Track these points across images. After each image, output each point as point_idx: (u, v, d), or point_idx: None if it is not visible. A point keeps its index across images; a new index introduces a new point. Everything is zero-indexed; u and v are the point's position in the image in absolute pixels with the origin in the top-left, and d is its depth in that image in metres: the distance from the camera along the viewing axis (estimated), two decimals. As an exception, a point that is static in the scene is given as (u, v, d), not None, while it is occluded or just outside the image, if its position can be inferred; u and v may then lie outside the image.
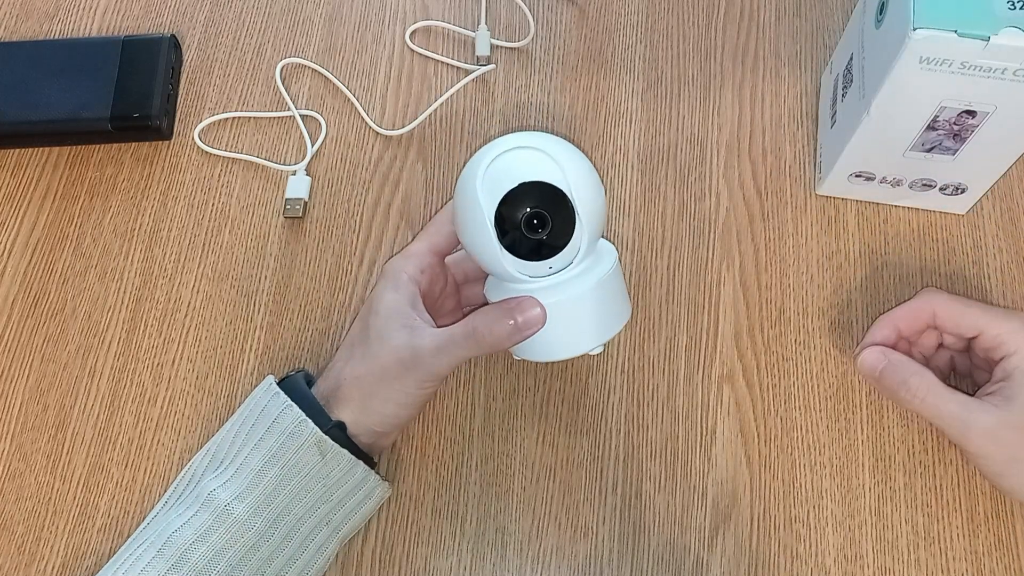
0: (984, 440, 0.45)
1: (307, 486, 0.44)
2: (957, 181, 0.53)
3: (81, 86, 0.58)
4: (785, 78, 0.61)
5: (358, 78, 0.62)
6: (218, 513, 0.43)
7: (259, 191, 0.58)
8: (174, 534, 0.43)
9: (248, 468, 0.44)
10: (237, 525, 0.43)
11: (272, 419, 0.45)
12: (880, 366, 0.48)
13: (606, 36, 0.63)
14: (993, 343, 0.47)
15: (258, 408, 0.46)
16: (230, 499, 0.44)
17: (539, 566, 0.49)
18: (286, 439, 0.44)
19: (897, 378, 0.47)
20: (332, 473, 0.45)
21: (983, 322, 0.47)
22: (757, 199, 0.57)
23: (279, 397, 0.46)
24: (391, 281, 0.47)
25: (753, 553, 0.49)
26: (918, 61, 0.44)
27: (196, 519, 0.43)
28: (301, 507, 0.44)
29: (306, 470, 0.44)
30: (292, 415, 0.45)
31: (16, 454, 0.52)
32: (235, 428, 0.47)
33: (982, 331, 0.47)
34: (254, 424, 0.46)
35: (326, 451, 0.44)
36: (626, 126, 0.60)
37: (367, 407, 0.45)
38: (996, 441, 0.45)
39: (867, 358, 0.48)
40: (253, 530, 0.43)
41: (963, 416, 0.46)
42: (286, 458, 0.44)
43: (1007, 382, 0.46)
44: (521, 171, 0.42)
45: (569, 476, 0.51)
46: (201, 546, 0.43)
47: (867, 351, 0.49)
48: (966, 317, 0.48)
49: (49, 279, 0.56)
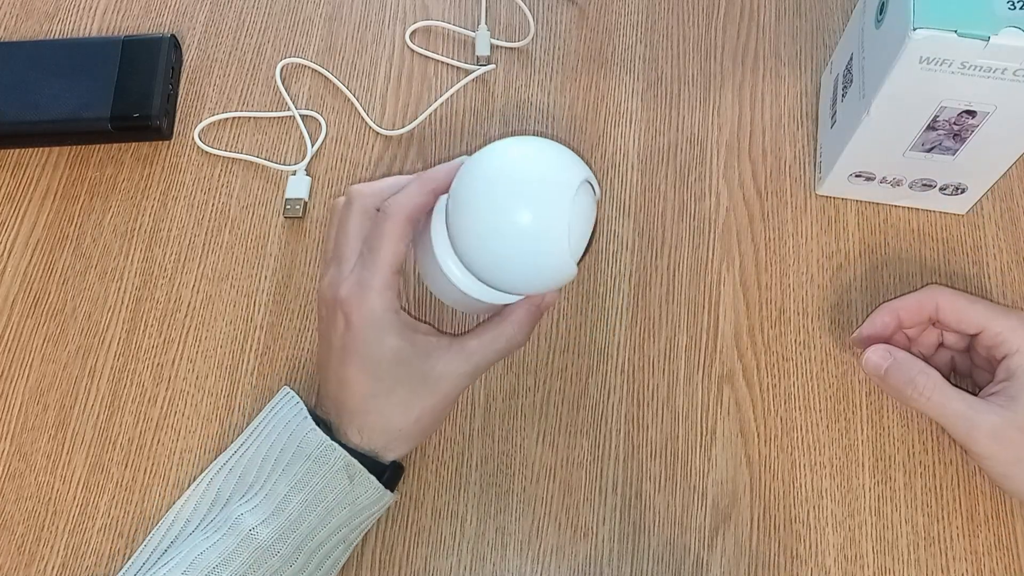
0: (989, 440, 0.45)
1: (333, 511, 0.44)
2: (957, 181, 0.53)
3: (81, 86, 0.58)
4: (785, 78, 0.61)
5: (358, 78, 0.62)
6: (243, 537, 0.43)
7: (259, 191, 0.58)
8: (199, 556, 0.43)
9: (276, 494, 0.44)
10: (261, 551, 0.43)
11: (298, 443, 0.45)
12: (885, 364, 0.47)
13: (606, 36, 0.63)
14: (995, 341, 0.47)
15: (287, 431, 0.46)
16: (256, 523, 0.43)
17: (539, 566, 0.49)
18: (312, 463, 0.44)
19: (903, 376, 0.47)
20: (360, 499, 0.45)
21: (985, 319, 0.47)
22: (757, 199, 0.57)
23: (307, 422, 0.45)
24: (379, 326, 0.45)
25: (753, 553, 0.49)
26: (918, 61, 0.44)
27: (222, 543, 0.43)
28: (326, 531, 0.44)
29: (332, 495, 0.44)
30: (317, 438, 0.44)
31: (16, 454, 0.52)
32: (263, 450, 0.46)
33: (984, 328, 0.47)
34: (282, 448, 0.45)
35: (354, 475, 0.44)
36: (626, 126, 0.60)
37: (406, 435, 0.46)
38: (1001, 441, 0.45)
39: (872, 357, 0.48)
40: (277, 556, 0.43)
41: (969, 415, 0.45)
42: (313, 483, 0.44)
43: (1010, 382, 0.46)
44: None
45: (569, 476, 0.51)
46: (224, 571, 0.42)
47: (871, 349, 0.48)
48: (969, 313, 0.48)
49: (49, 279, 0.56)
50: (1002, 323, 0.47)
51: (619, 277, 0.55)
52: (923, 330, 0.51)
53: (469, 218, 0.42)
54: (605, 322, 0.54)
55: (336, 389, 0.45)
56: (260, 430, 0.47)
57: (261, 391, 0.53)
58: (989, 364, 0.48)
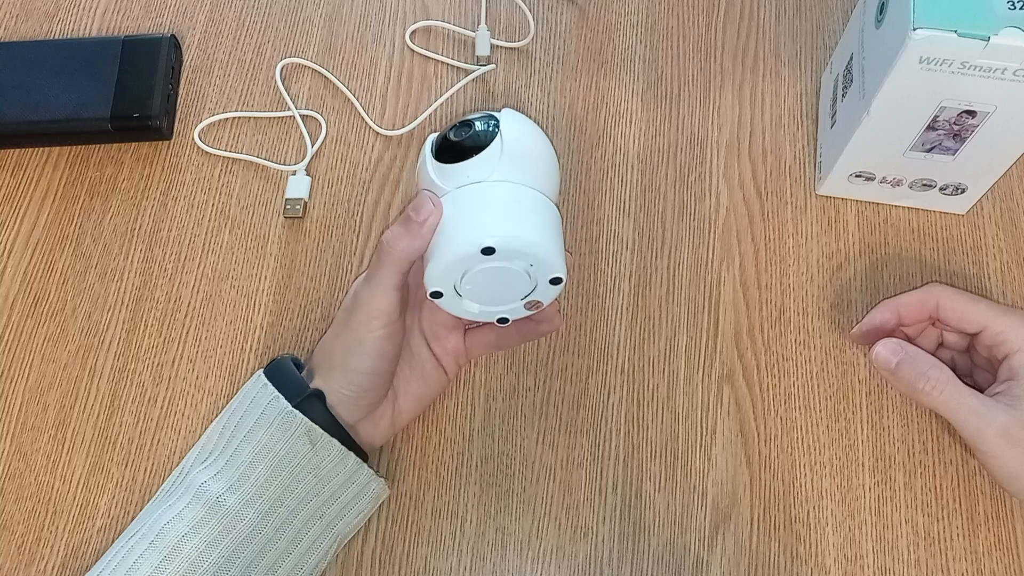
0: (999, 440, 0.45)
1: (298, 477, 0.44)
2: (957, 181, 0.53)
3: (81, 86, 0.58)
4: (785, 78, 0.61)
5: (358, 78, 0.62)
6: (210, 505, 0.43)
7: (259, 191, 0.58)
8: (166, 526, 0.43)
9: (239, 459, 0.44)
10: (229, 517, 0.43)
11: (261, 410, 0.45)
12: (896, 359, 0.47)
13: (606, 36, 0.63)
14: (995, 340, 0.47)
15: (247, 400, 0.47)
16: (222, 491, 0.44)
17: (539, 566, 0.49)
18: (275, 430, 0.44)
19: (916, 370, 0.46)
20: (323, 464, 0.45)
21: (987, 318, 0.47)
22: (757, 199, 0.57)
23: (267, 388, 0.46)
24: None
25: (753, 553, 0.49)
26: (918, 61, 0.44)
27: (188, 511, 0.43)
28: (293, 499, 0.44)
29: (296, 460, 0.44)
30: (280, 405, 0.45)
31: (16, 454, 0.52)
32: (223, 420, 0.47)
33: (985, 327, 0.47)
34: (243, 415, 0.46)
35: (316, 440, 0.44)
36: (626, 126, 0.60)
37: (331, 368, 0.46)
38: (1011, 441, 0.45)
39: (882, 351, 0.47)
40: (245, 521, 0.43)
41: (982, 412, 0.45)
42: (276, 448, 0.44)
43: (1015, 381, 0.46)
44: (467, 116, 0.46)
45: (569, 476, 0.51)
46: (194, 538, 0.43)
47: (881, 343, 0.47)
48: (969, 312, 0.48)
49: (49, 279, 0.56)
50: (1003, 322, 0.47)
51: (619, 277, 0.55)
52: (923, 329, 0.51)
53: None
54: (605, 322, 0.54)
55: None
56: (228, 406, 0.48)
57: (261, 391, 0.53)
58: (990, 364, 0.48)
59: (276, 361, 0.48)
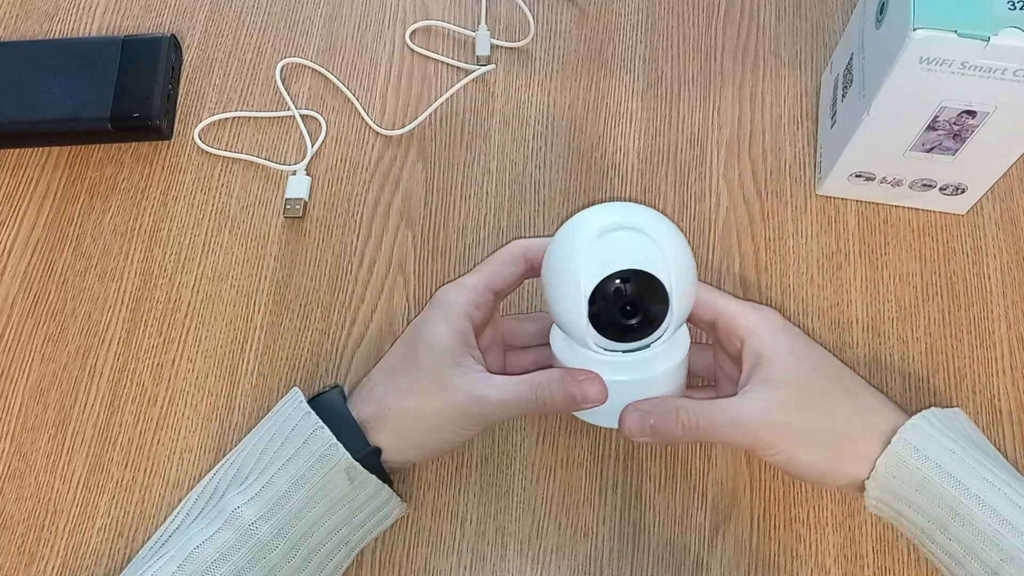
0: (763, 431, 0.43)
1: (332, 510, 0.44)
2: (957, 181, 0.53)
3: (81, 86, 0.58)
4: (785, 78, 0.61)
5: (358, 78, 0.62)
6: (242, 532, 0.43)
7: (259, 191, 0.58)
8: (196, 550, 0.43)
9: (274, 488, 0.44)
10: (260, 546, 0.43)
11: (303, 440, 0.44)
12: (649, 422, 0.42)
13: (606, 36, 0.63)
14: (729, 326, 0.45)
15: (288, 426, 0.46)
16: (255, 518, 0.43)
17: (539, 566, 0.49)
18: (315, 462, 0.44)
19: (671, 422, 0.42)
20: (358, 498, 0.44)
21: (718, 305, 0.45)
22: (757, 199, 0.57)
23: (311, 417, 0.45)
24: (444, 313, 0.45)
25: (753, 553, 0.49)
26: (918, 61, 0.44)
27: (219, 536, 0.43)
28: (324, 530, 0.44)
29: (333, 495, 0.44)
30: (323, 438, 0.44)
31: (16, 454, 0.52)
32: (262, 443, 0.46)
33: (717, 314, 0.45)
34: (283, 442, 0.45)
35: (355, 477, 0.44)
36: (626, 126, 0.60)
37: (411, 440, 0.45)
38: (772, 428, 0.43)
39: (631, 424, 0.43)
40: (276, 551, 0.43)
41: (734, 417, 0.43)
42: (313, 481, 0.44)
43: (759, 366, 0.44)
44: (623, 255, 0.41)
45: (569, 476, 0.51)
46: (223, 565, 0.42)
47: (625, 416, 0.43)
48: (702, 303, 0.46)
49: (49, 279, 0.56)
50: (732, 307, 0.45)
51: (619, 277, 0.55)
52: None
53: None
54: (605, 322, 0.54)
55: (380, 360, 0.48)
56: (264, 426, 0.47)
57: (261, 391, 0.53)
58: (736, 362, 0.46)
59: (326, 397, 0.47)
